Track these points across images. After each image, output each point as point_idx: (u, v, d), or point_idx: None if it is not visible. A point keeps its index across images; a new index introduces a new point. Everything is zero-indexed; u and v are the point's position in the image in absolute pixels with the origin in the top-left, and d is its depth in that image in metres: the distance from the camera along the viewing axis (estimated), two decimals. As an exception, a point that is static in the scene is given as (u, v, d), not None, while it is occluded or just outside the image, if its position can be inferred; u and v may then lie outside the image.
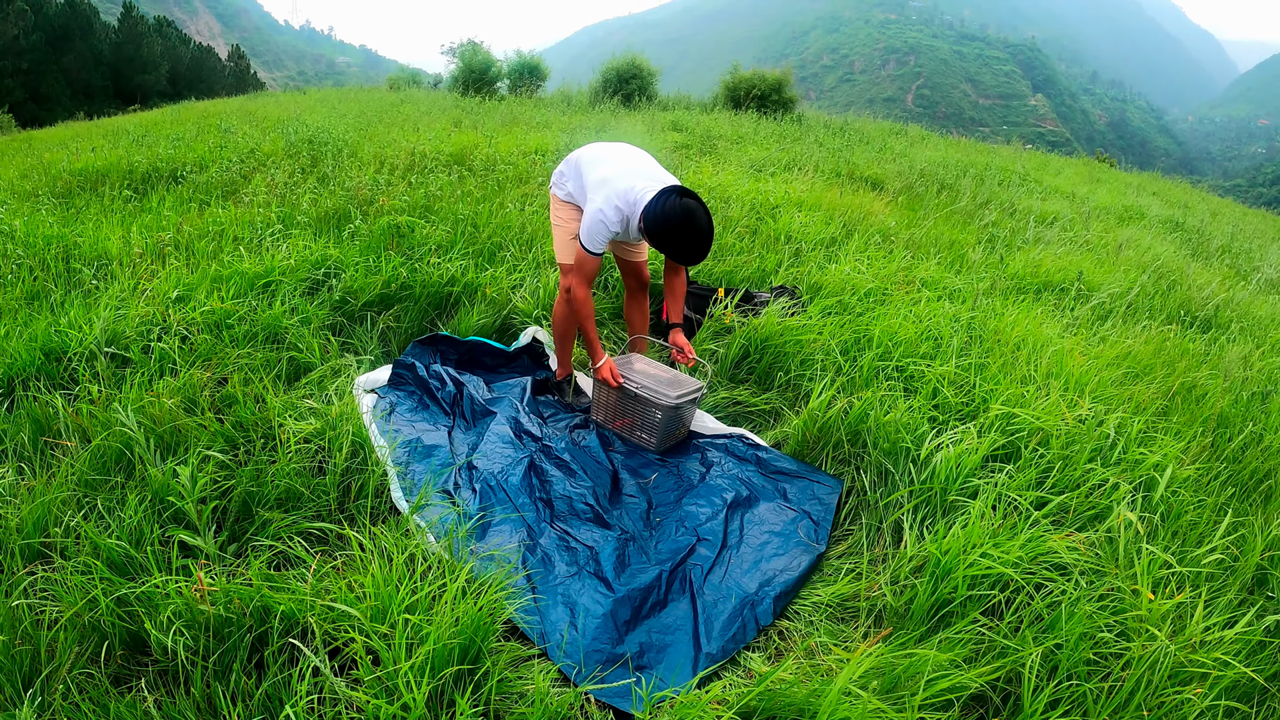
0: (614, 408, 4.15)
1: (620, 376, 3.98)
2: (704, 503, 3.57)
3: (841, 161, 11.27)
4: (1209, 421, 4.16)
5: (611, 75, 19.07)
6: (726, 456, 3.95)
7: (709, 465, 3.90)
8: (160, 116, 17.64)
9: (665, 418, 3.90)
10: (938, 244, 7.10)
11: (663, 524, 3.47)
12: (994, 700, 2.56)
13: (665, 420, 3.91)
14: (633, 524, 3.43)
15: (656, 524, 3.47)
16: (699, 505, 3.55)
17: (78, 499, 3.06)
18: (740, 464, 3.88)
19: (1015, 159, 16.65)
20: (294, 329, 4.38)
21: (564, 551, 3.22)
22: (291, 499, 3.15)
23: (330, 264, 5.15)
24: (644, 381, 4.03)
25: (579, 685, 2.56)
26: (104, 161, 8.70)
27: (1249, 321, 6.43)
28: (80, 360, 3.98)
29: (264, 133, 11.10)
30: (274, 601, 2.49)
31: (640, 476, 3.82)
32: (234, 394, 3.66)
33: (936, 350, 4.41)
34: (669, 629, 2.89)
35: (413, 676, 2.23)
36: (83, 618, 2.47)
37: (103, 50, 53.23)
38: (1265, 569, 3.10)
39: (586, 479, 3.63)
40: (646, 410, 3.96)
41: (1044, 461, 3.44)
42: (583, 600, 2.95)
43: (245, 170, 8.42)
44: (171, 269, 5.06)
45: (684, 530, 3.39)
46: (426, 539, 2.97)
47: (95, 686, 2.34)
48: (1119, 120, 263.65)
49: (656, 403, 3.87)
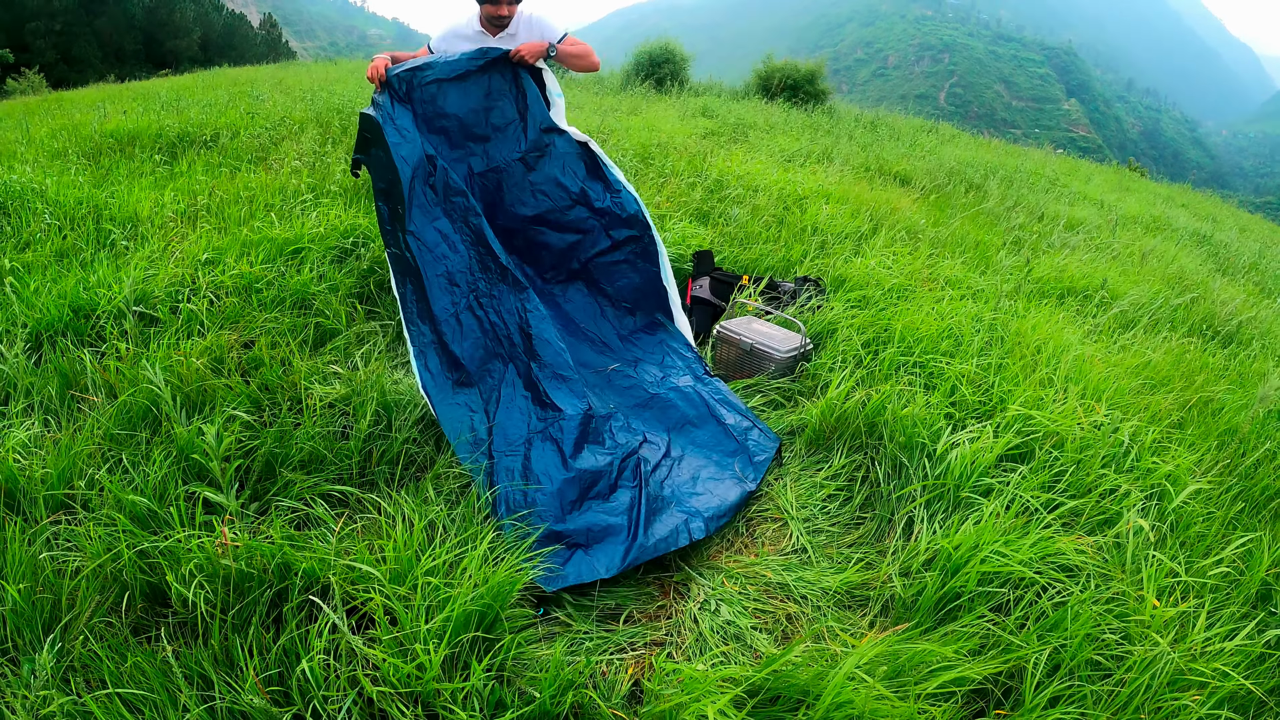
0: (734, 364, 4.55)
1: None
2: (657, 409, 3.85)
3: (871, 156, 11.24)
4: (1224, 436, 4.16)
5: (644, 59, 19.01)
6: (685, 372, 4.18)
7: (665, 372, 4.17)
8: (191, 81, 17.71)
9: (779, 369, 4.35)
10: (963, 244, 7.09)
11: (615, 414, 3.76)
12: (995, 694, 2.59)
13: (779, 371, 4.35)
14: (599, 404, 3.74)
15: (612, 411, 3.78)
16: (652, 410, 3.88)
17: (103, 453, 3.12)
18: (696, 382, 4.10)
19: (1045, 163, 16.55)
20: (321, 296, 4.43)
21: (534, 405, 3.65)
22: (315, 462, 3.20)
23: (359, 233, 5.19)
24: (758, 338, 4.45)
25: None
26: (135, 124, 8.75)
27: (1271, 339, 6.40)
28: (108, 318, 4.04)
29: (294, 101, 11.15)
30: (295, 559, 2.54)
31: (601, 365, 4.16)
32: (260, 357, 3.72)
33: (957, 348, 4.42)
34: (613, 513, 3.16)
35: (430, 640, 2.27)
36: (105, 569, 2.52)
37: (135, 14, 53.44)
38: (1270, 585, 3.10)
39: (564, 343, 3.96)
40: (762, 363, 4.39)
41: (1058, 464, 3.46)
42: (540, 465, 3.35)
43: (275, 137, 8.46)
44: (202, 232, 5.12)
45: (632, 431, 3.67)
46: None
47: (115, 635, 2.39)
48: (1152, 130, 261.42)
49: (772, 356, 4.35)
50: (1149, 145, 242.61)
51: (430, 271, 3.89)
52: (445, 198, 4.09)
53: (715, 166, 8.64)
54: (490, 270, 4.04)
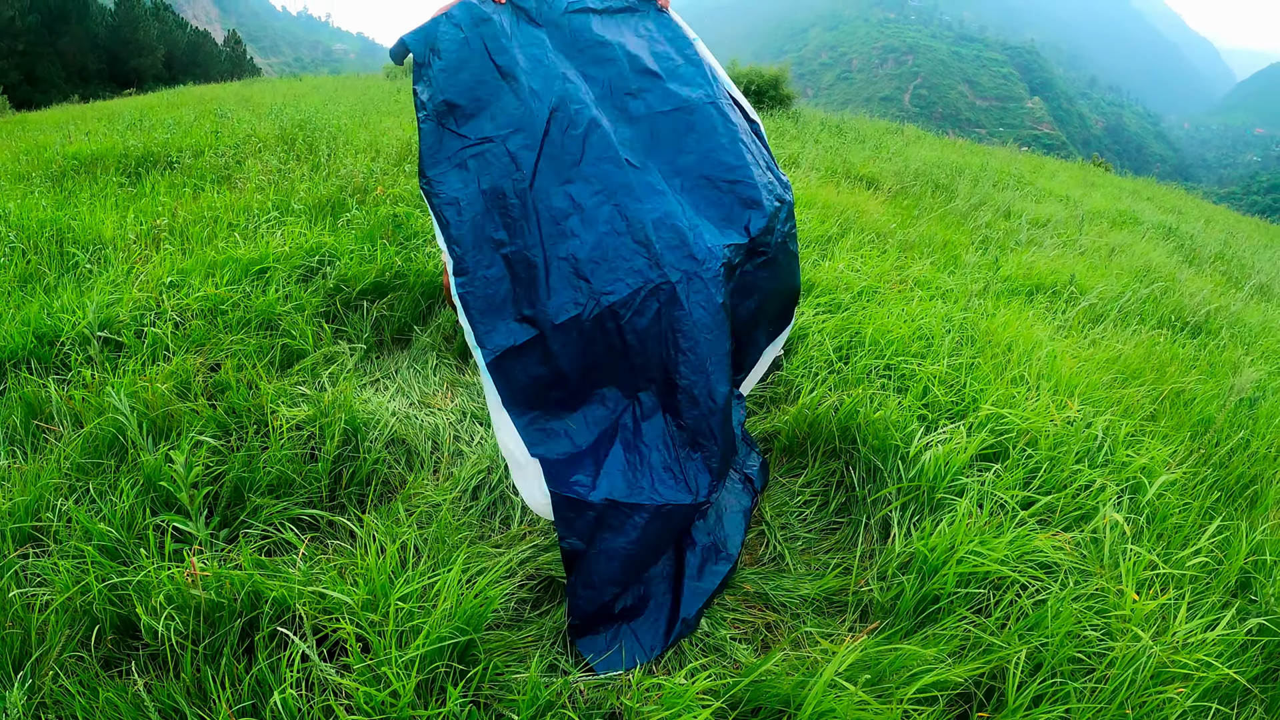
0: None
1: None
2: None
3: (837, 159, 11.28)
4: (1197, 426, 4.20)
5: (609, 68, 18.99)
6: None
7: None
8: (156, 100, 17.60)
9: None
10: (931, 244, 7.12)
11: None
12: (978, 695, 2.59)
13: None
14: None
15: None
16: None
17: (70, 483, 3.07)
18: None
19: (1011, 161, 16.68)
20: (288, 316, 4.38)
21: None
22: (283, 485, 3.16)
23: (325, 252, 5.14)
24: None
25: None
26: (99, 145, 8.66)
27: (1240, 329, 6.47)
28: (73, 344, 3.98)
29: (259, 118, 11.08)
30: (265, 587, 2.50)
31: None
32: (227, 380, 3.67)
33: (928, 350, 4.43)
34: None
35: (401, 668, 2.25)
36: (74, 602, 2.48)
37: (99, 33, 52.99)
38: (1249, 573, 3.13)
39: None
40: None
41: (1031, 462, 3.47)
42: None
43: (240, 155, 8.40)
44: (166, 254, 5.06)
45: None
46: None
47: (85, 670, 2.35)
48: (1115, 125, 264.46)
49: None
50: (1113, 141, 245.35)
51: (552, 251, 2.92)
52: (589, 159, 3.05)
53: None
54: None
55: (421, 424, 3.83)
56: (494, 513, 3.30)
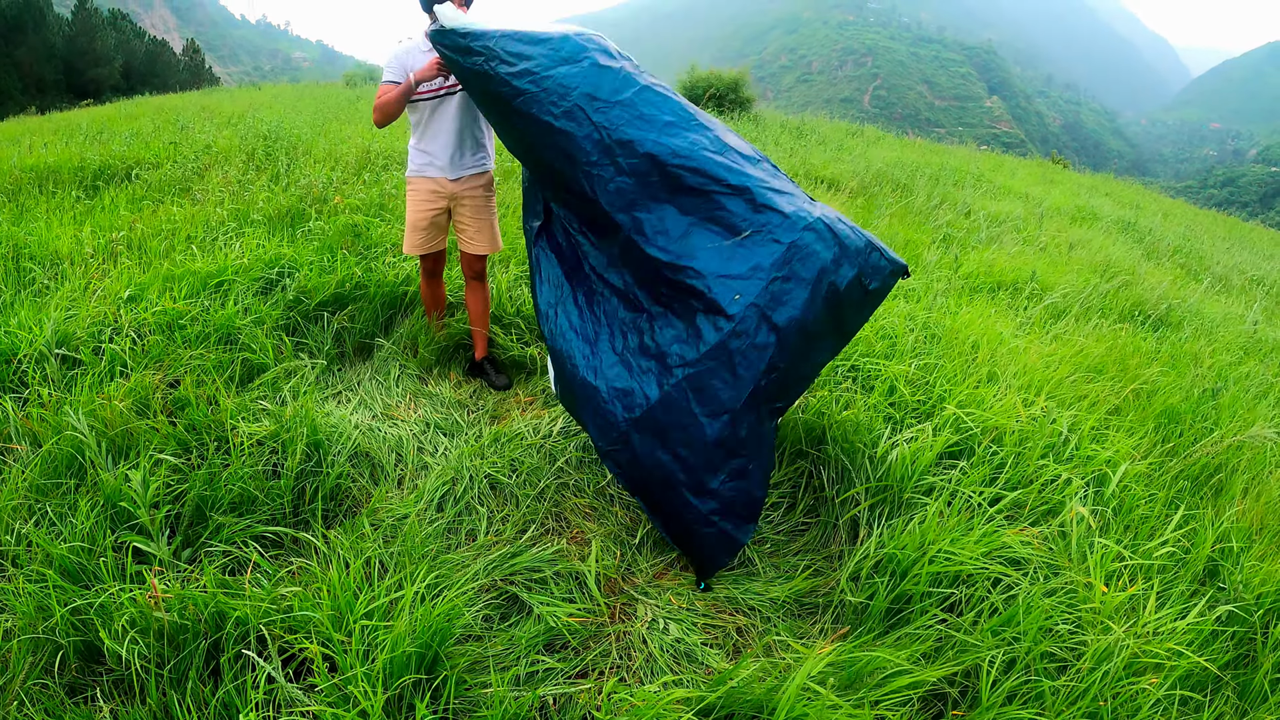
0: None
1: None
2: None
3: (798, 161, 11.33)
4: (1161, 418, 4.24)
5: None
6: None
7: None
8: (114, 112, 17.35)
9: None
10: (893, 243, 7.16)
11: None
12: (952, 694, 2.60)
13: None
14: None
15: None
16: None
17: (29, 505, 3.01)
18: None
19: (970, 160, 16.85)
20: (247, 329, 4.32)
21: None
22: (246, 503, 3.10)
23: (284, 263, 5.08)
24: None
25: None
26: (56, 158, 8.52)
27: (1200, 320, 6.55)
28: (30, 362, 3.91)
29: (219, 128, 10.96)
30: (228, 608, 2.46)
31: None
32: (186, 396, 3.61)
33: (893, 349, 4.45)
34: None
35: (368, 685, 2.22)
36: (36, 628, 2.43)
37: (55, 43, 52.13)
38: (1216, 560, 3.17)
39: None
40: None
41: (997, 459, 3.49)
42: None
43: (199, 167, 8.31)
44: (123, 268, 4.98)
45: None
46: None
47: (50, 698, 2.31)
48: (1073, 123, 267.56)
49: None
50: (1070, 138, 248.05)
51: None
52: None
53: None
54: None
55: (385, 436, 3.80)
56: (459, 525, 3.28)
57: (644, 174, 3.05)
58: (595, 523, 3.39)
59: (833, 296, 2.88)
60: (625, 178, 3.07)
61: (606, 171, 3.10)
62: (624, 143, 3.07)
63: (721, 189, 2.99)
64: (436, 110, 4.10)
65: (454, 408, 4.18)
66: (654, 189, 3.06)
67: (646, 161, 3.04)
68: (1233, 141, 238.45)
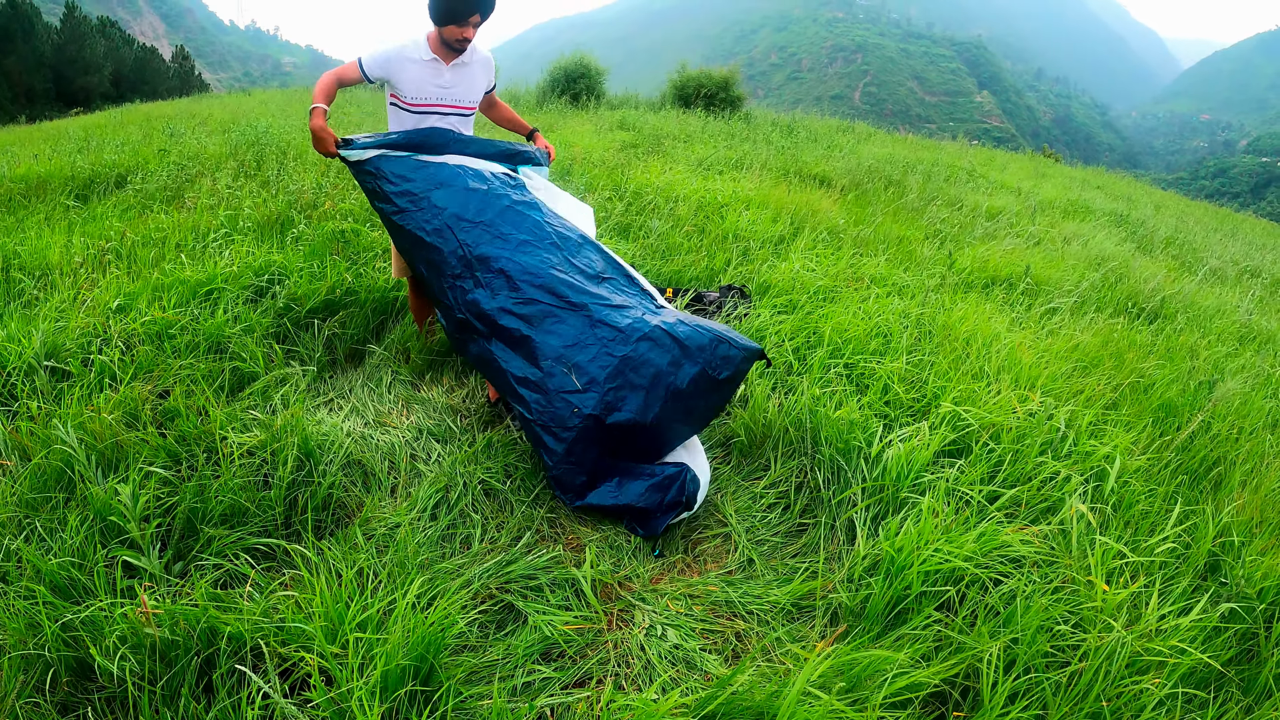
0: None
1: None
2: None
3: (789, 159, 11.32)
4: (1158, 412, 4.23)
5: (559, 75, 19.01)
6: None
7: None
8: (103, 120, 17.26)
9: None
10: (886, 240, 7.16)
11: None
12: (953, 695, 2.57)
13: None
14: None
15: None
16: None
17: (18, 520, 2.97)
18: None
19: (961, 155, 16.85)
20: (237, 338, 4.29)
21: None
22: (237, 514, 3.07)
23: (274, 270, 5.05)
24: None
25: None
26: (46, 168, 8.48)
27: (1195, 312, 6.54)
28: (19, 375, 3.87)
29: (209, 135, 10.92)
30: (220, 622, 2.43)
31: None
32: (176, 407, 3.57)
33: (886, 347, 4.43)
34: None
35: (365, 698, 2.19)
36: (27, 644, 2.40)
37: (44, 51, 52.00)
38: (1217, 555, 3.15)
39: None
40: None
41: (994, 456, 3.47)
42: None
43: (190, 174, 8.26)
44: (112, 278, 4.95)
45: None
46: None
47: (42, 716, 2.27)
48: (1064, 116, 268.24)
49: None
50: (1061, 131, 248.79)
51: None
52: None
53: (634, 179, 8.62)
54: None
55: (377, 444, 3.77)
56: (453, 533, 3.25)
57: (498, 289, 3.54)
58: (590, 528, 3.36)
59: (674, 395, 3.27)
60: (482, 290, 3.55)
61: (467, 284, 3.58)
62: (482, 259, 3.59)
63: (563, 305, 3.47)
64: (422, 125, 4.04)
65: (447, 413, 4.15)
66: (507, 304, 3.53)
67: (500, 277, 3.54)
68: (1223, 132, 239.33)
